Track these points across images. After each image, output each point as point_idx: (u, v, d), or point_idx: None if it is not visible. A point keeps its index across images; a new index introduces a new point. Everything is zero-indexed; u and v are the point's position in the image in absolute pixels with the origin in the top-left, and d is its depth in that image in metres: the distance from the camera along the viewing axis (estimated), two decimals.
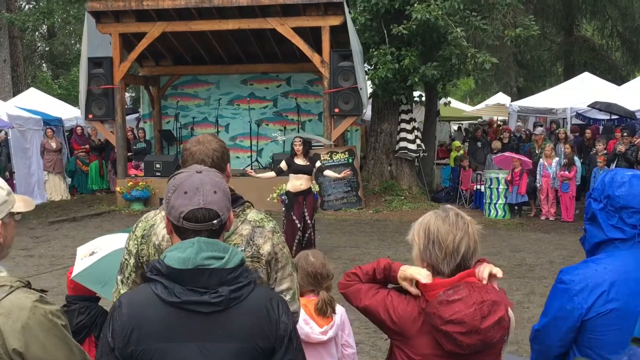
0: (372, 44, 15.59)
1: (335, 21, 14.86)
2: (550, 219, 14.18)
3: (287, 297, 2.72)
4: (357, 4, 15.66)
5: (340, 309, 3.82)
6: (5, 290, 2.15)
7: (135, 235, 2.72)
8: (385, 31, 15.10)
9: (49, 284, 9.01)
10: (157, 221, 2.69)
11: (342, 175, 11.11)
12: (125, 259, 2.73)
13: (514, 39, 15.46)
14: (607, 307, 2.40)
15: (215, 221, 2.11)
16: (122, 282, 2.72)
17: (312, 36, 15.82)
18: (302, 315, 3.71)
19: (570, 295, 2.44)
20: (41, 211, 15.75)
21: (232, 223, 2.29)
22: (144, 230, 2.70)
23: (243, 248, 2.62)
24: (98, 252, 3.65)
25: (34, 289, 2.26)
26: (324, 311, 3.69)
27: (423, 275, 2.32)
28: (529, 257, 10.53)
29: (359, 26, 15.38)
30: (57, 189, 17.78)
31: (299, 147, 9.98)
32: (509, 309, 2.38)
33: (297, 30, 15.15)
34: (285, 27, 15.08)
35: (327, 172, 10.77)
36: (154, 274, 2.05)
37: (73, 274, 3.61)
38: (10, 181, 15.80)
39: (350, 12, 14.89)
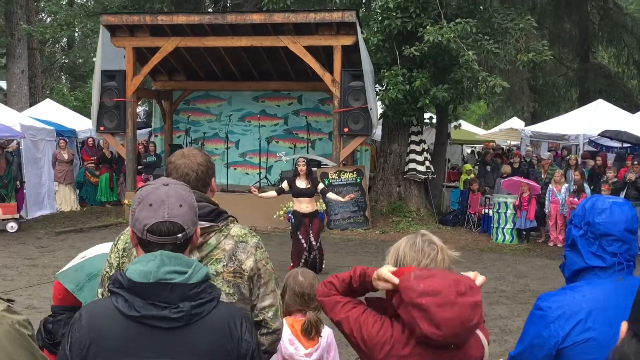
0: (383, 64, 15.60)
1: (348, 41, 14.89)
2: (559, 245, 14.02)
3: (270, 314, 2.70)
4: (370, 24, 15.71)
5: (327, 331, 3.77)
6: None
7: (117, 248, 2.69)
8: (397, 52, 15.10)
9: (49, 294, 9.01)
10: None
11: (346, 198, 11.00)
12: (107, 272, 2.69)
13: (526, 63, 15.40)
14: (583, 336, 2.34)
15: (179, 235, 2.08)
16: (102, 295, 2.67)
17: (324, 55, 15.87)
18: (288, 335, 3.66)
19: (547, 322, 2.39)
20: (49, 221, 15.85)
21: (198, 237, 2.26)
22: (126, 243, 2.67)
23: (225, 263, 2.59)
24: (87, 255, 3.65)
25: (1, 299, 2.25)
26: (309, 332, 3.65)
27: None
28: (533, 283, 10.40)
29: (371, 47, 15.40)
30: (66, 199, 17.86)
31: (302, 168, 9.93)
32: (485, 340, 2.33)
33: (310, 49, 15.20)
34: (297, 46, 15.13)
35: (330, 195, 10.67)
36: (116, 287, 2.02)
37: (58, 272, 3.62)
38: (20, 190, 15.91)
39: (362, 33, 14.92)
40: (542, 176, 15.31)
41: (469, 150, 31.51)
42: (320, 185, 10.34)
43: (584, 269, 2.48)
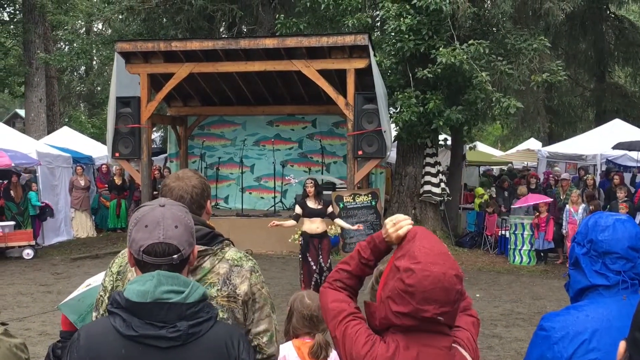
0: (397, 87, 15.62)
1: (361, 64, 14.90)
2: None
3: (264, 339, 2.65)
4: (383, 47, 15.74)
5: (335, 354, 3.73)
6: None
7: (111, 271, 2.69)
8: (410, 74, 15.13)
9: None
10: None
11: (354, 227, 10.91)
12: (101, 296, 2.69)
13: (540, 84, 15.35)
14: (588, 357, 2.28)
15: (175, 256, 2.09)
16: (96, 318, 2.67)
17: (337, 78, 15.90)
18: (294, 357, 3.64)
19: (550, 343, 2.34)
20: (65, 248, 15.93)
21: (195, 258, 2.26)
22: (120, 266, 2.68)
23: (219, 287, 2.56)
24: (92, 284, 3.62)
25: None
26: (317, 355, 3.61)
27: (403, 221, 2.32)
28: (550, 305, 10.27)
29: (384, 69, 15.42)
30: (83, 226, 17.97)
31: (310, 189, 9.93)
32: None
33: (323, 73, 15.22)
34: (310, 70, 15.17)
35: (339, 222, 10.62)
36: (114, 307, 2.03)
37: (61, 302, 3.59)
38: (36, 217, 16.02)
39: (375, 55, 14.94)
40: (561, 197, 15.18)
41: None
42: (330, 209, 10.29)
43: (588, 288, 2.43)
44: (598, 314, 2.34)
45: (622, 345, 1.60)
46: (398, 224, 2.31)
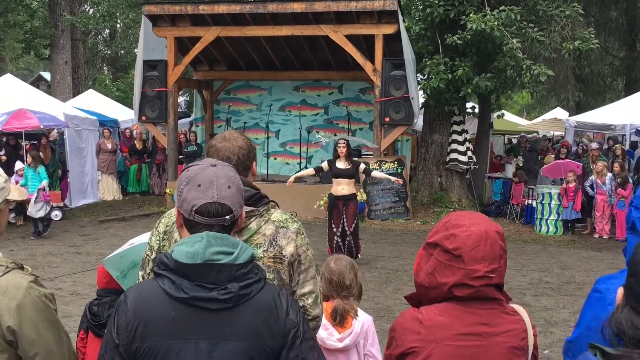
0: (425, 53, 15.41)
1: (389, 30, 14.73)
2: (604, 237, 13.76)
3: (309, 301, 2.65)
4: (412, 13, 15.52)
5: (364, 318, 3.75)
6: (2, 270, 2.19)
7: (158, 231, 2.67)
8: (439, 41, 14.90)
9: (93, 281, 9.11)
10: None
11: (393, 179, 10.95)
12: (147, 255, 2.67)
13: (572, 52, 15.06)
14: None
15: (227, 217, 2.06)
16: (143, 278, 2.65)
17: (365, 44, 15.74)
18: (323, 320, 3.66)
19: (605, 305, 2.29)
20: (92, 210, 16.06)
21: (243, 220, 2.23)
22: (167, 226, 2.66)
23: (265, 248, 2.56)
24: (135, 243, 3.67)
25: (28, 272, 2.33)
26: (334, 318, 3.67)
27: None
28: (579, 275, 10.20)
29: (413, 35, 15.22)
30: (109, 189, 18.08)
31: (342, 149, 9.87)
32: (529, 329, 2.23)
33: (351, 38, 15.09)
34: (338, 35, 15.03)
35: (375, 173, 10.66)
36: (161, 269, 1.99)
37: (104, 259, 3.65)
38: (64, 179, 16.14)
39: (404, 21, 14.74)
40: (591, 167, 14.98)
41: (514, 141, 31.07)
42: (362, 166, 10.24)
43: None
44: None
45: (620, 291, 1.59)
46: None
